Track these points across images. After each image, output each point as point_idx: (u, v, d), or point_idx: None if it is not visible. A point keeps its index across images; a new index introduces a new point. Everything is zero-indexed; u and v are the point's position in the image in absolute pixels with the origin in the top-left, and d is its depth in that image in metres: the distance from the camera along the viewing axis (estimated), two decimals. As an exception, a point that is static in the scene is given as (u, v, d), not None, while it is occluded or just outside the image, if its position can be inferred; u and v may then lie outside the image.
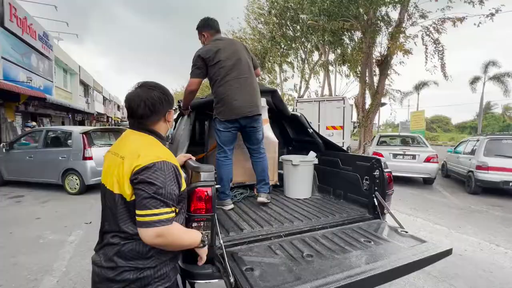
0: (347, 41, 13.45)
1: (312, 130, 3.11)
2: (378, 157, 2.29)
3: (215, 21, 2.42)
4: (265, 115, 2.96)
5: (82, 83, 23.97)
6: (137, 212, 0.97)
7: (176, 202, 1.08)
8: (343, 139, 9.56)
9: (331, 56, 17.07)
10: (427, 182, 7.30)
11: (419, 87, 25.18)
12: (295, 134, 3.53)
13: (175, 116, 2.98)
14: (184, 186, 1.17)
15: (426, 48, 10.08)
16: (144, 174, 0.97)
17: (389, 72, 14.68)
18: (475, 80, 22.52)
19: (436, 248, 1.62)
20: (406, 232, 1.89)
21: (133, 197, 1.00)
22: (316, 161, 2.81)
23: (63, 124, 18.18)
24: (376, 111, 14.57)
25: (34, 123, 13.99)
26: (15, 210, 4.70)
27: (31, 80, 13.22)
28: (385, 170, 2.18)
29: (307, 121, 3.19)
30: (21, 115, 14.54)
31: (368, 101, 14.92)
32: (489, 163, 5.95)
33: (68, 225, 3.91)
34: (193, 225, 1.50)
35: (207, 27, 2.39)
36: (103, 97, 33.10)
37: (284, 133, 3.67)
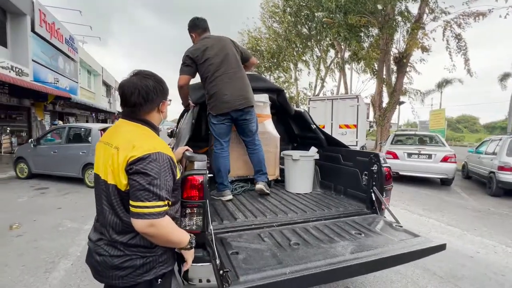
0: (364, 37, 13.10)
1: (315, 126, 3.13)
2: (376, 152, 2.26)
3: (202, 20, 2.51)
4: (267, 111, 3.01)
5: (104, 83, 25.16)
6: (131, 202, 0.99)
7: (171, 193, 1.09)
8: (357, 138, 9.35)
9: (347, 54, 16.72)
10: (444, 183, 7.00)
11: (442, 85, 23.95)
12: (300, 131, 3.55)
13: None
14: (178, 174, 1.19)
15: (448, 44, 9.59)
16: (139, 165, 0.99)
17: (408, 70, 14.16)
18: (505, 77, 21.11)
19: (428, 243, 1.60)
20: (401, 226, 1.87)
21: (128, 187, 1.01)
22: (316, 156, 2.82)
23: (87, 122, 19.21)
24: (393, 110, 14.11)
25: (60, 122, 14.91)
26: (40, 200, 5.08)
27: (58, 81, 14.09)
28: (383, 165, 2.15)
29: (311, 117, 3.21)
30: (49, 114, 15.54)
31: (385, 99, 14.50)
32: (512, 163, 5.61)
33: (85, 215, 4.18)
34: (186, 211, 1.59)
35: (195, 27, 2.49)
36: (124, 97, 34.42)
37: (289, 130, 3.70)
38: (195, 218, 1.60)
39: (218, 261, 1.32)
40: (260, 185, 2.52)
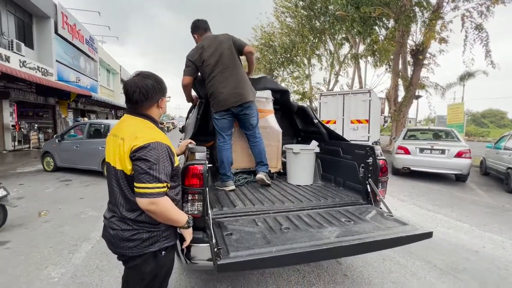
0: (378, 30, 12.74)
1: (317, 121, 3.21)
2: (372, 145, 2.33)
3: (202, 21, 2.66)
4: (270, 106, 3.13)
5: (123, 81, 26.05)
6: (135, 184, 1.17)
7: (170, 177, 1.28)
8: (369, 133, 9.23)
9: (362, 48, 16.34)
10: (459, 179, 6.80)
11: (464, 78, 22.73)
12: (303, 125, 3.64)
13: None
14: (177, 162, 1.38)
15: (466, 36, 9.16)
16: (141, 152, 1.16)
17: (427, 63, 13.64)
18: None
19: (414, 230, 1.67)
20: (392, 215, 1.95)
21: (132, 172, 1.20)
22: (317, 149, 2.92)
23: (106, 119, 20.11)
24: (409, 105, 13.70)
25: (85, 119, 15.75)
26: (64, 191, 5.51)
27: (79, 80, 14.85)
28: (379, 158, 2.22)
29: (313, 112, 3.30)
30: (73, 112, 16.43)
31: (401, 94, 14.09)
32: (531, 159, 5.38)
33: (104, 204, 4.43)
34: (188, 198, 1.76)
35: (196, 29, 2.66)
36: (141, 94, 35.52)
37: (293, 125, 3.80)
38: (196, 203, 1.76)
39: (214, 241, 1.49)
40: (260, 175, 2.67)
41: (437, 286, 2.42)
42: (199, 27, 2.64)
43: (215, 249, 1.38)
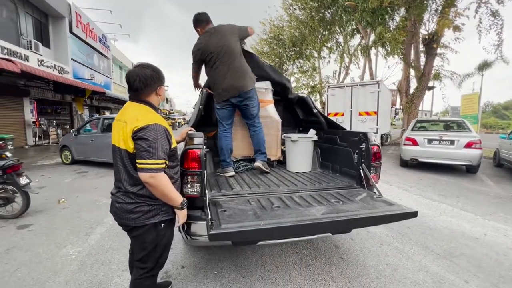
0: (388, 20, 12.39)
1: (316, 110, 3.29)
2: (365, 131, 2.40)
3: (203, 14, 2.75)
4: (269, 97, 3.24)
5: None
6: (137, 160, 1.35)
7: (168, 156, 1.45)
8: (377, 125, 9.12)
9: (372, 38, 15.95)
10: (469, 170, 6.66)
11: (483, 67, 21.69)
12: (304, 115, 3.72)
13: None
14: (174, 143, 1.55)
15: (480, 22, 8.78)
16: (141, 132, 1.33)
17: (440, 52, 13.20)
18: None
19: (398, 210, 1.76)
20: (381, 197, 2.03)
21: (135, 150, 1.37)
22: (314, 137, 3.01)
23: (120, 115, 20.73)
24: (422, 96, 13.36)
25: (98, 115, 16.34)
26: (81, 181, 5.86)
27: (93, 77, 15.37)
28: (371, 144, 2.29)
29: (312, 102, 3.37)
30: (88, 108, 17.05)
31: (413, 85, 13.72)
32: (545, 149, 5.22)
33: (117, 193, 4.79)
34: (188, 179, 1.92)
35: (198, 22, 2.75)
36: (153, 90, 36.17)
37: (294, 115, 3.89)
38: (195, 185, 1.92)
39: (209, 216, 1.64)
40: (258, 163, 2.80)
41: (431, 269, 2.49)
42: (201, 20, 2.74)
43: (209, 223, 1.52)
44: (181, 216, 1.52)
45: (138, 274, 1.51)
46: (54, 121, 14.04)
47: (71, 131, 7.93)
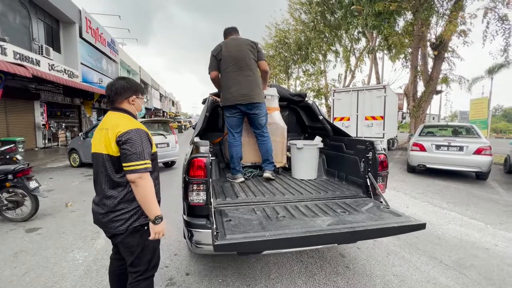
0: (394, 23, 12.33)
1: (322, 117, 3.28)
2: (372, 140, 2.37)
3: (230, 28, 2.96)
4: (275, 104, 3.24)
5: (142, 81, 27.10)
6: (125, 164, 1.39)
7: (150, 157, 1.49)
8: (384, 130, 9.02)
9: (378, 41, 15.87)
10: (479, 177, 6.53)
11: (493, 70, 21.28)
12: (309, 122, 3.71)
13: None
14: (154, 149, 1.60)
15: (487, 27, 8.65)
16: (125, 136, 1.39)
17: (448, 56, 13.03)
18: None
19: (406, 222, 1.72)
20: (388, 208, 2.00)
21: (119, 154, 1.41)
22: (320, 145, 2.99)
23: (127, 118, 21.01)
24: (429, 100, 13.21)
25: (105, 118, 16.55)
26: (88, 184, 5.94)
27: (102, 81, 15.64)
28: (378, 153, 2.27)
29: (318, 109, 3.36)
30: (96, 111, 17.34)
31: (421, 89, 13.57)
32: (558, 156, 5.08)
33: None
34: (194, 188, 1.92)
35: (224, 35, 2.96)
36: (160, 94, 36.71)
37: (300, 122, 3.88)
38: (201, 193, 1.92)
39: (214, 226, 1.64)
40: (267, 174, 2.82)
41: (440, 281, 2.43)
42: (226, 33, 2.95)
43: (215, 233, 1.52)
44: (153, 231, 1.46)
45: (132, 278, 1.55)
46: (63, 124, 14.31)
47: (79, 134, 8.06)
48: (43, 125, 12.39)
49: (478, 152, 6.02)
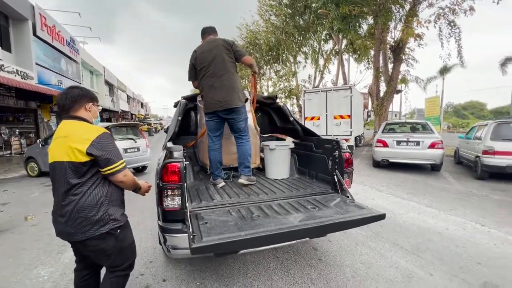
0: (358, 27, 13.12)
1: (292, 119, 3.43)
2: (338, 139, 2.55)
3: (207, 27, 2.90)
4: (248, 106, 3.31)
5: (107, 83, 25.57)
6: (107, 168, 1.44)
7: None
8: (351, 128, 9.57)
9: (344, 44, 16.74)
10: (434, 168, 7.24)
11: (443, 71, 23.66)
12: (281, 123, 3.85)
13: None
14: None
15: (440, 31, 9.64)
16: (97, 145, 1.41)
17: (405, 58, 14.15)
18: (506, 61, 20.76)
19: (369, 213, 1.90)
20: (353, 201, 2.18)
21: (82, 160, 1.39)
22: (291, 145, 3.13)
23: (91, 122, 19.71)
24: (391, 99, 14.23)
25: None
26: (50, 195, 5.47)
27: (61, 83, 14.50)
28: (343, 151, 2.45)
29: (289, 111, 3.51)
30: (55, 115, 16.02)
31: (383, 88, 14.60)
32: (496, 147, 5.82)
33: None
34: (168, 193, 1.92)
35: (202, 35, 2.90)
36: (127, 95, 34.92)
37: (272, 123, 4.01)
38: (176, 198, 1.93)
39: (191, 229, 1.67)
40: (241, 180, 2.78)
41: (401, 264, 2.69)
42: (203, 32, 2.89)
43: (191, 236, 1.55)
44: (144, 190, 1.74)
45: (112, 274, 1.58)
46: (17, 130, 13.03)
47: (37, 141, 7.44)
48: (-8, 132, 11.19)
49: (432, 146, 6.67)
